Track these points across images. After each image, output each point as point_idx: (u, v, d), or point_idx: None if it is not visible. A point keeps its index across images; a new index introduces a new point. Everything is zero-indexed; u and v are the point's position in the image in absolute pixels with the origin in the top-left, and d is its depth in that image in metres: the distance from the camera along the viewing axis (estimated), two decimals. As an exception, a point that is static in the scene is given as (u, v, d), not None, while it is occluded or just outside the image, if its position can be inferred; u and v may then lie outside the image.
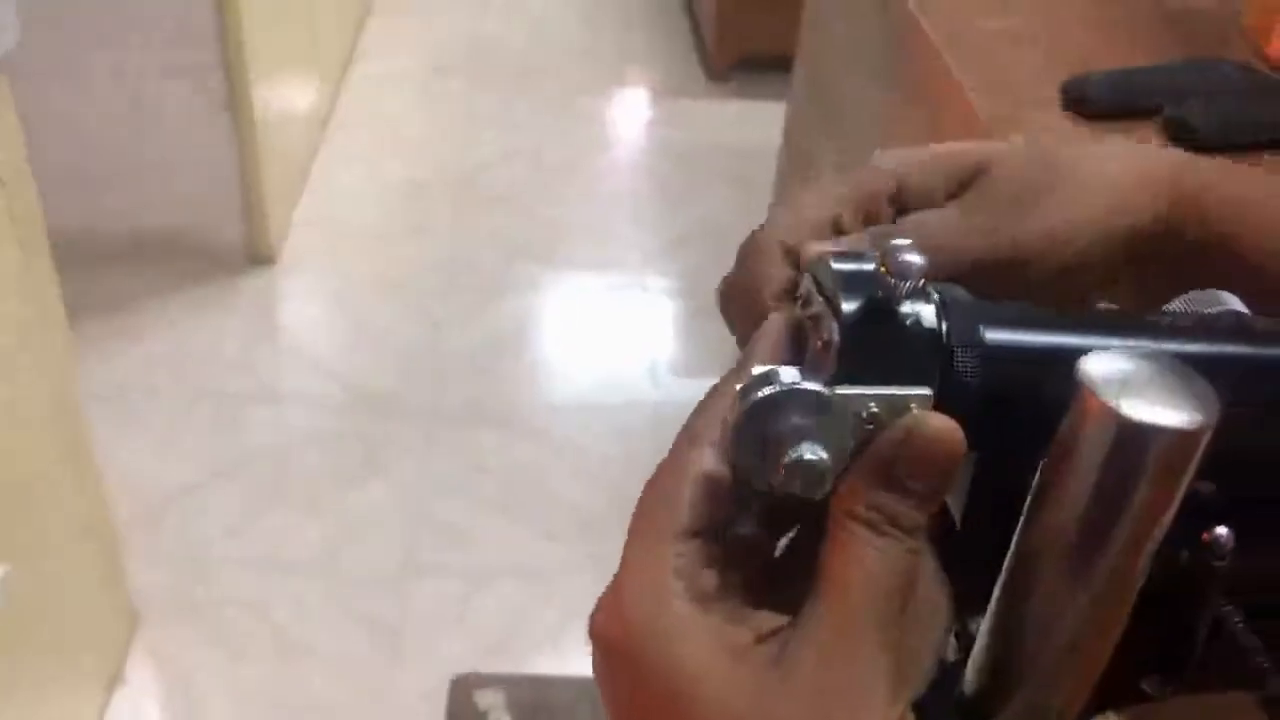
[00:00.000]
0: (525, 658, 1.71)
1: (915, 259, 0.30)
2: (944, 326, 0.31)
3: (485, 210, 2.68)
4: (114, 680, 1.65)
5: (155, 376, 2.15)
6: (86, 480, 1.53)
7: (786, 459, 0.29)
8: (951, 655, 0.34)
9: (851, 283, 0.31)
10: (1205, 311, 0.35)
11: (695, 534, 0.32)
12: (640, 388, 2.20)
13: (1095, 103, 1.13)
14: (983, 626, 0.33)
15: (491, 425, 2.10)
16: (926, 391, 0.31)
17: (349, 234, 2.58)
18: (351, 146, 2.85)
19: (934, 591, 0.32)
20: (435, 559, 1.86)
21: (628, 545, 0.33)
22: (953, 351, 0.31)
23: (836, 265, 0.32)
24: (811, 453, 0.29)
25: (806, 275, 0.34)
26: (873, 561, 0.30)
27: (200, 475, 1.96)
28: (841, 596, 0.30)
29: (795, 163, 2.07)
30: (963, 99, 1.19)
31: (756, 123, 2.78)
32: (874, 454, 0.31)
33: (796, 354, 0.34)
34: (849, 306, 0.31)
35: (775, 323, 0.35)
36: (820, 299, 0.32)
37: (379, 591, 1.80)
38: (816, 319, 0.32)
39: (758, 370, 0.30)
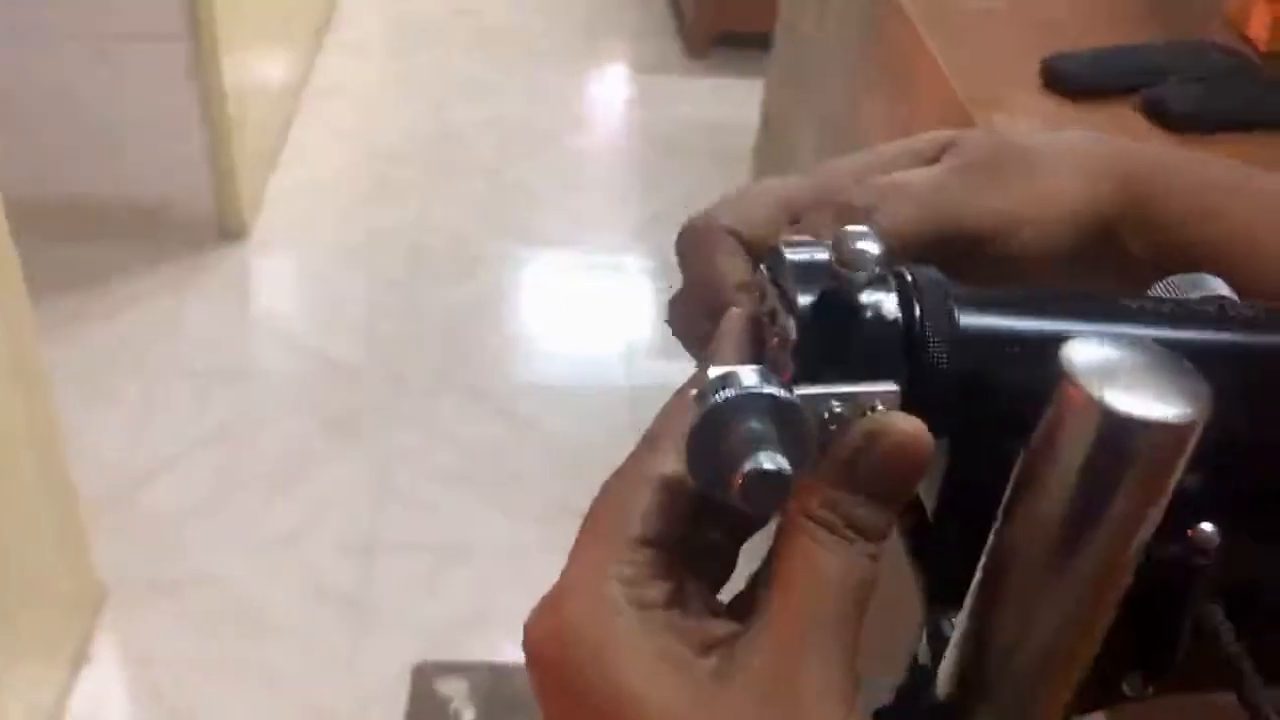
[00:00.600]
0: (492, 637, 1.70)
1: (871, 247, 0.28)
2: (916, 311, 0.30)
3: (461, 183, 2.65)
4: (79, 658, 1.62)
5: (125, 354, 2.12)
6: (50, 453, 1.50)
7: (745, 469, 0.27)
8: (923, 658, 0.33)
9: (806, 274, 0.30)
10: (1189, 296, 0.34)
11: (648, 542, 0.30)
12: (615, 371, 2.19)
13: (1075, 82, 1.12)
14: (957, 628, 0.31)
15: (463, 402, 2.08)
16: (893, 388, 0.29)
17: (323, 206, 2.55)
18: (326, 117, 2.82)
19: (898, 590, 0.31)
20: (403, 535, 1.84)
21: (573, 552, 0.31)
22: (925, 336, 0.30)
23: (790, 255, 0.30)
24: (771, 461, 0.27)
25: (762, 267, 0.32)
26: (826, 564, 0.29)
27: (171, 452, 1.94)
28: (791, 601, 0.29)
29: (773, 141, 2.06)
30: (941, 78, 1.17)
31: (735, 100, 2.76)
32: (834, 455, 0.29)
33: (758, 352, 0.32)
34: (804, 300, 0.29)
35: (735, 319, 0.33)
36: (775, 292, 0.31)
37: (347, 568, 1.78)
38: (773, 314, 0.31)
39: (715, 372, 0.28)
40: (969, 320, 0.30)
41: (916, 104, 1.28)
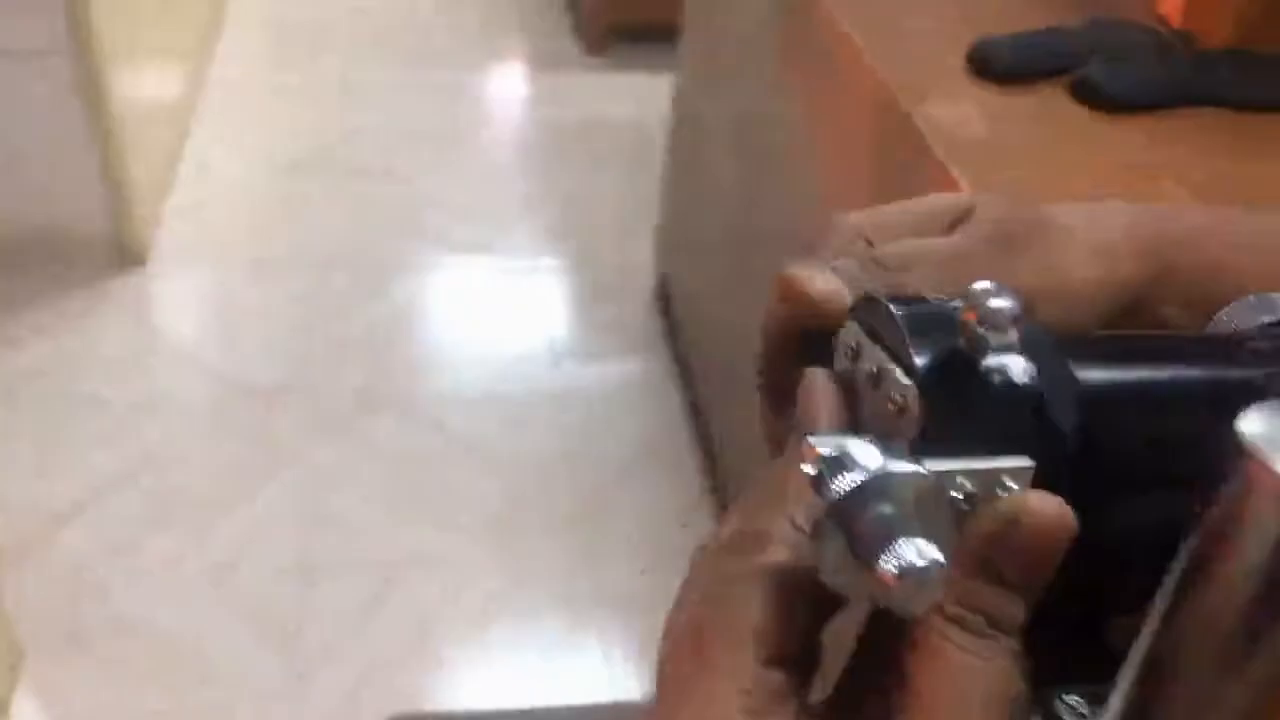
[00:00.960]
0: (439, 657, 1.66)
1: (1007, 305, 0.26)
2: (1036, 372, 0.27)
3: (366, 191, 2.58)
4: (-1, 717, 1.55)
5: (29, 389, 2.03)
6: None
7: (897, 565, 0.24)
8: None
9: (923, 332, 0.27)
10: (1260, 320, 0.32)
11: (772, 662, 0.27)
12: (539, 374, 2.15)
13: (1001, 67, 1.12)
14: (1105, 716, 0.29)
15: (387, 416, 2.03)
16: (1026, 463, 0.27)
17: (225, 223, 2.46)
18: (221, 130, 2.73)
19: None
20: (337, 559, 1.79)
21: (683, 682, 0.27)
22: (1042, 398, 0.27)
23: (898, 310, 0.28)
24: (926, 554, 0.24)
25: (850, 323, 0.30)
26: (972, 673, 0.26)
27: (84, 492, 1.85)
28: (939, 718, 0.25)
29: (686, 137, 2.04)
30: (866, 68, 1.16)
31: (639, 96, 2.74)
32: (971, 545, 0.26)
33: (847, 417, 0.29)
34: (923, 360, 0.27)
35: (820, 382, 0.30)
36: (877, 350, 0.28)
37: (283, 600, 1.72)
38: (878, 376, 0.28)
39: (823, 446, 0.25)
40: (1089, 375, 0.28)
41: (841, 95, 1.27)
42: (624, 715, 0.96)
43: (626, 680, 1.65)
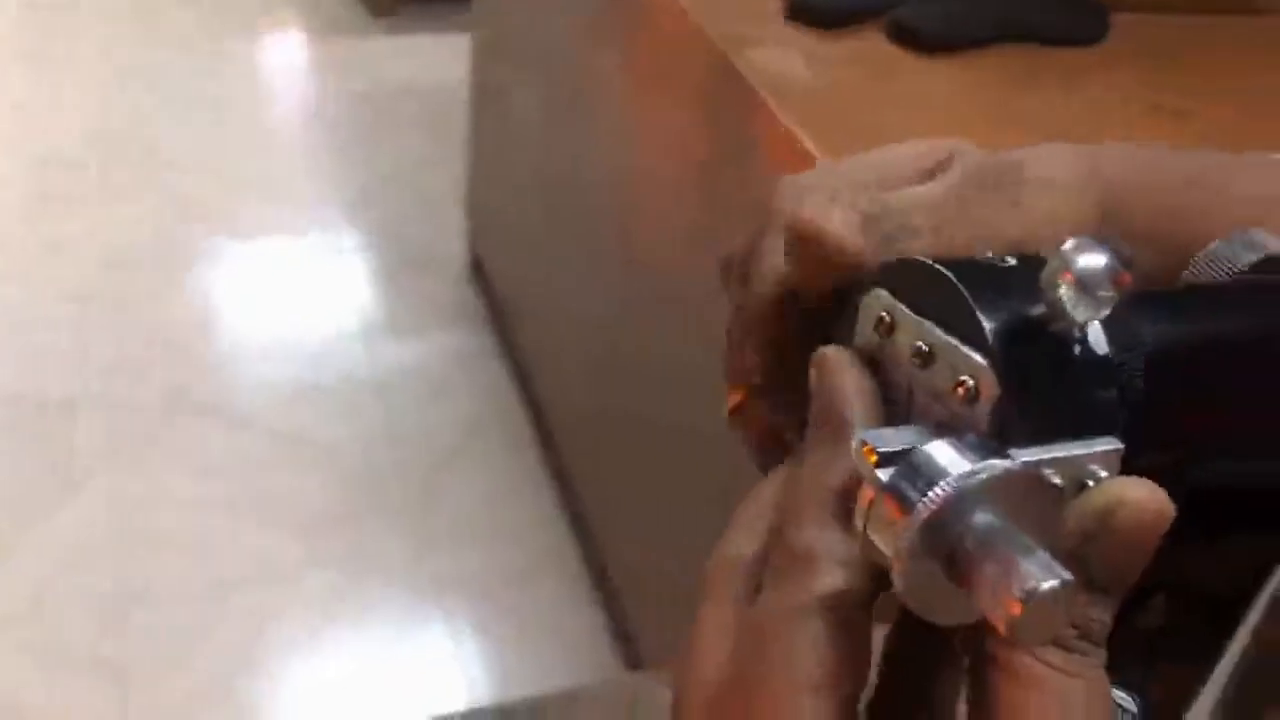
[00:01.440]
0: (279, 669, 1.57)
1: (1104, 260, 0.22)
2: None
3: (147, 178, 2.41)
4: None
5: None
6: None
7: (1017, 591, 0.20)
8: None
9: (989, 300, 0.23)
10: (1246, 260, 0.29)
11: (844, 713, 0.23)
12: (355, 359, 2.05)
13: (818, 11, 1.10)
14: None
15: (199, 420, 1.90)
16: (1115, 445, 0.23)
17: (-12, 226, 2.26)
18: (-27, 125, 2.50)
19: None
20: (159, 578, 1.66)
21: None
22: (1123, 367, 0.23)
23: (951, 272, 0.23)
24: (1049, 575, 0.20)
25: (877, 290, 0.25)
26: (1076, 695, 0.22)
27: None
28: None
29: (490, 100, 1.96)
30: (684, 18, 1.13)
31: (433, 60, 2.64)
32: (1062, 546, 0.23)
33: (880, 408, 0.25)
34: (997, 335, 0.22)
35: (848, 368, 0.26)
36: (925, 324, 0.24)
37: (101, 629, 1.60)
38: (930, 354, 0.24)
39: (881, 446, 0.22)
40: (1155, 335, 0.24)
41: (659, 48, 1.23)
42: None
43: (478, 663, 1.60)
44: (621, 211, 1.41)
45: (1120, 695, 0.27)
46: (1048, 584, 0.20)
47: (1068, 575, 0.20)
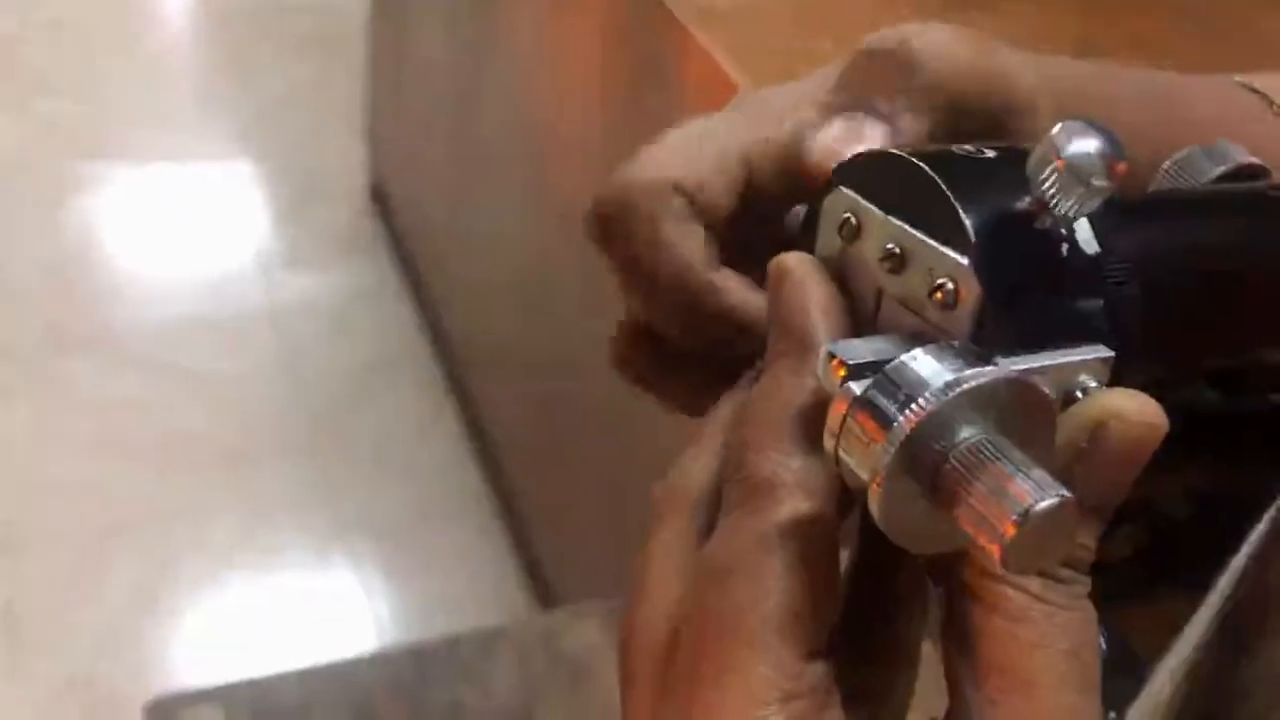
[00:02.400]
0: (174, 618, 1.52)
1: (1096, 143, 0.19)
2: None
3: (21, 103, 2.28)
4: None
5: None
6: None
7: (1012, 513, 0.17)
8: None
9: (968, 192, 0.20)
10: (1218, 169, 0.27)
11: (814, 654, 0.21)
12: (250, 292, 1.97)
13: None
14: (1164, 674, 0.24)
15: (83, 358, 1.81)
16: (1106, 353, 0.21)
17: None
18: None
19: None
20: (49, 524, 1.59)
21: (687, 696, 0.21)
22: (1113, 266, 0.21)
23: (924, 164, 0.21)
24: (1045, 492, 0.18)
25: (839, 189, 0.23)
26: (1060, 629, 0.20)
27: None
28: (1030, 696, 0.20)
29: (388, 17, 1.88)
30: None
31: (326, -24, 2.53)
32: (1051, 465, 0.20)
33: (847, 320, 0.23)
34: (978, 231, 0.20)
35: (812, 275, 0.23)
36: (894, 222, 0.21)
37: (-14, 577, 1.53)
38: (903, 257, 0.21)
39: (850, 358, 0.19)
40: (1143, 241, 0.22)
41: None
42: (387, 663, 0.90)
43: (386, 604, 1.57)
44: (531, 136, 1.36)
45: None
46: (1045, 502, 0.18)
47: (1067, 492, 0.18)
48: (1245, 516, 0.24)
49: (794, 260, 0.24)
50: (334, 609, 1.57)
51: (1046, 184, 0.20)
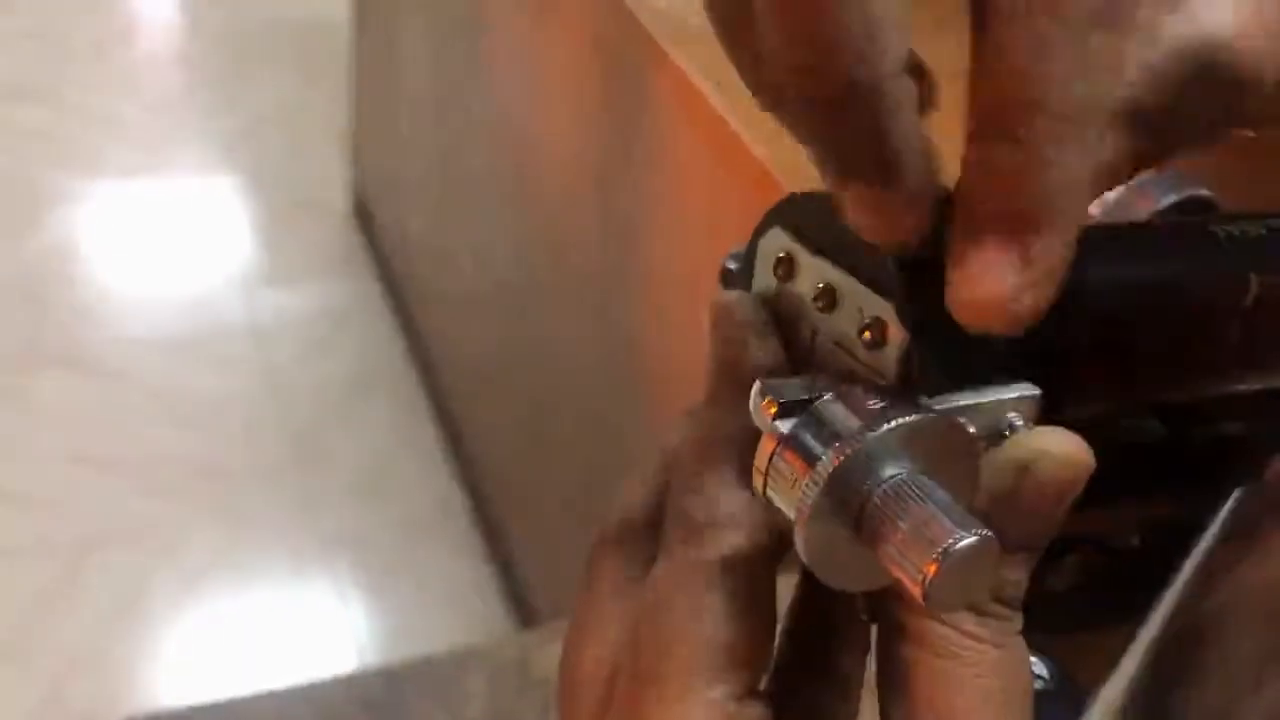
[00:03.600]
0: (149, 635, 1.51)
1: None
2: None
3: (1, 110, 2.27)
4: None
5: None
6: None
7: (932, 551, 0.18)
8: None
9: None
10: (1166, 199, 0.27)
11: (751, 691, 0.21)
12: (232, 308, 1.97)
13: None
14: (1101, 707, 0.24)
15: (58, 372, 1.80)
16: (1031, 391, 0.21)
17: None
18: None
19: None
20: (17, 540, 1.58)
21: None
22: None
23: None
24: (967, 531, 0.18)
25: (772, 231, 0.23)
26: (990, 666, 0.20)
27: None
28: None
29: (375, 35, 1.88)
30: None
31: (312, -7, 2.53)
32: (976, 504, 0.20)
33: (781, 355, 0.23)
34: (902, 266, 0.20)
35: (748, 314, 0.23)
36: (823, 263, 0.22)
37: (-44, 594, 1.51)
38: (833, 294, 0.22)
39: (778, 396, 0.19)
40: (1091, 274, 0.22)
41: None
42: (359, 684, 0.90)
43: (366, 623, 1.56)
44: (514, 155, 1.36)
45: (1032, 657, 0.25)
46: (966, 540, 0.18)
47: (987, 531, 0.18)
48: (1192, 547, 0.24)
49: (732, 299, 0.24)
50: (312, 626, 1.56)
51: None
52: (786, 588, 0.26)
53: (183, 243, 2.09)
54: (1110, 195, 0.29)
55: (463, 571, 1.61)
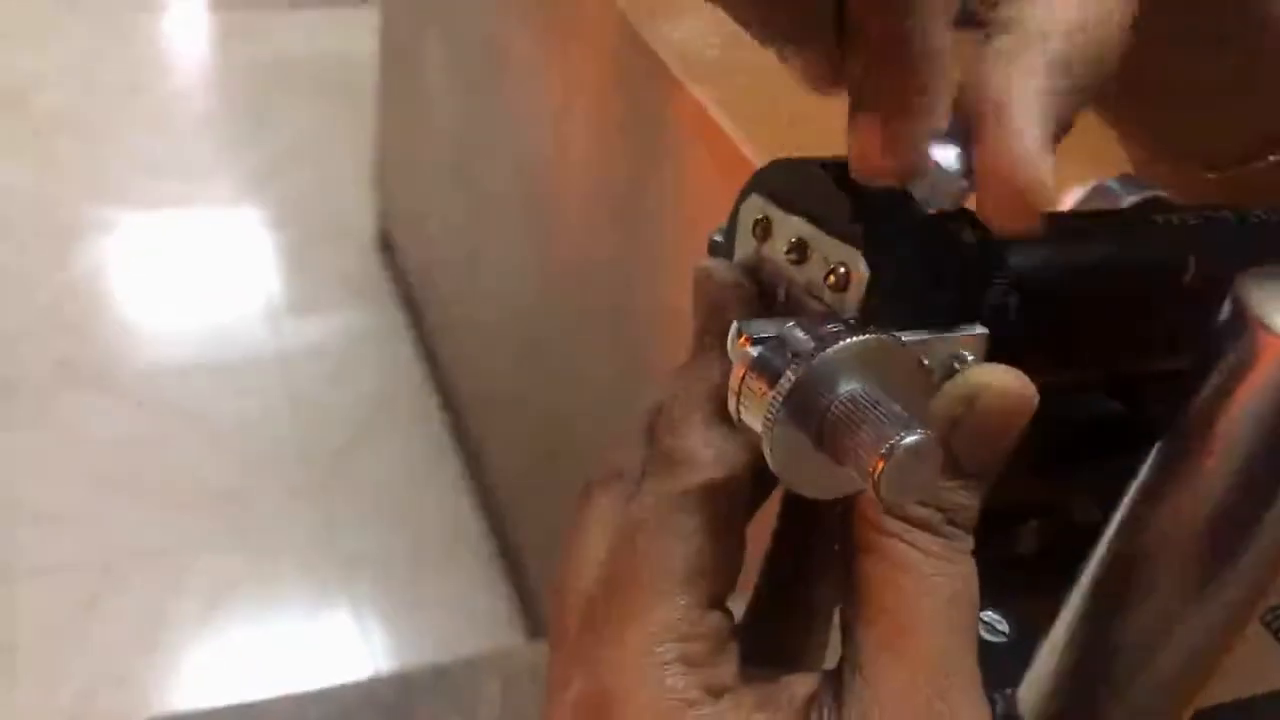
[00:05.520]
0: (172, 653, 1.53)
1: (954, 151, 0.23)
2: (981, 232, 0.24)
3: (35, 145, 2.32)
4: None
5: None
6: None
7: (888, 446, 0.20)
8: None
9: (858, 186, 0.23)
10: (1124, 200, 0.30)
11: (711, 602, 0.23)
12: (258, 335, 2.00)
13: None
14: (1048, 645, 0.26)
15: (88, 395, 1.84)
16: (979, 330, 0.24)
17: None
18: None
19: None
20: (45, 559, 1.61)
21: (591, 642, 0.24)
22: (992, 256, 0.24)
23: (821, 167, 0.24)
24: (910, 430, 0.20)
25: (750, 197, 0.26)
26: (942, 579, 0.23)
27: None
28: (911, 644, 0.22)
29: (399, 72, 1.92)
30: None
31: (342, 31, 2.58)
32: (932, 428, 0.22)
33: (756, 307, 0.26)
34: (863, 215, 0.23)
35: (727, 272, 0.26)
36: (794, 219, 0.24)
37: (-16, 610, 1.54)
38: (802, 246, 0.24)
39: (754, 333, 0.22)
40: (1023, 251, 0.25)
41: (571, 21, 1.21)
42: (374, 689, 0.91)
43: (385, 642, 1.58)
44: (532, 187, 1.39)
45: (993, 615, 0.28)
46: (909, 438, 0.20)
47: (930, 432, 0.20)
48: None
49: (714, 263, 0.26)
50: (331, 648, 1.57)
51: (921, 186, 0.23)
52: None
53: (211, 271, 2.13)
54: (1073, 197, 0.31)
55: (480, 596, 1.62)
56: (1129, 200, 0.30)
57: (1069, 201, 0.33)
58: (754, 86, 0.98)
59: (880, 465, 0.20)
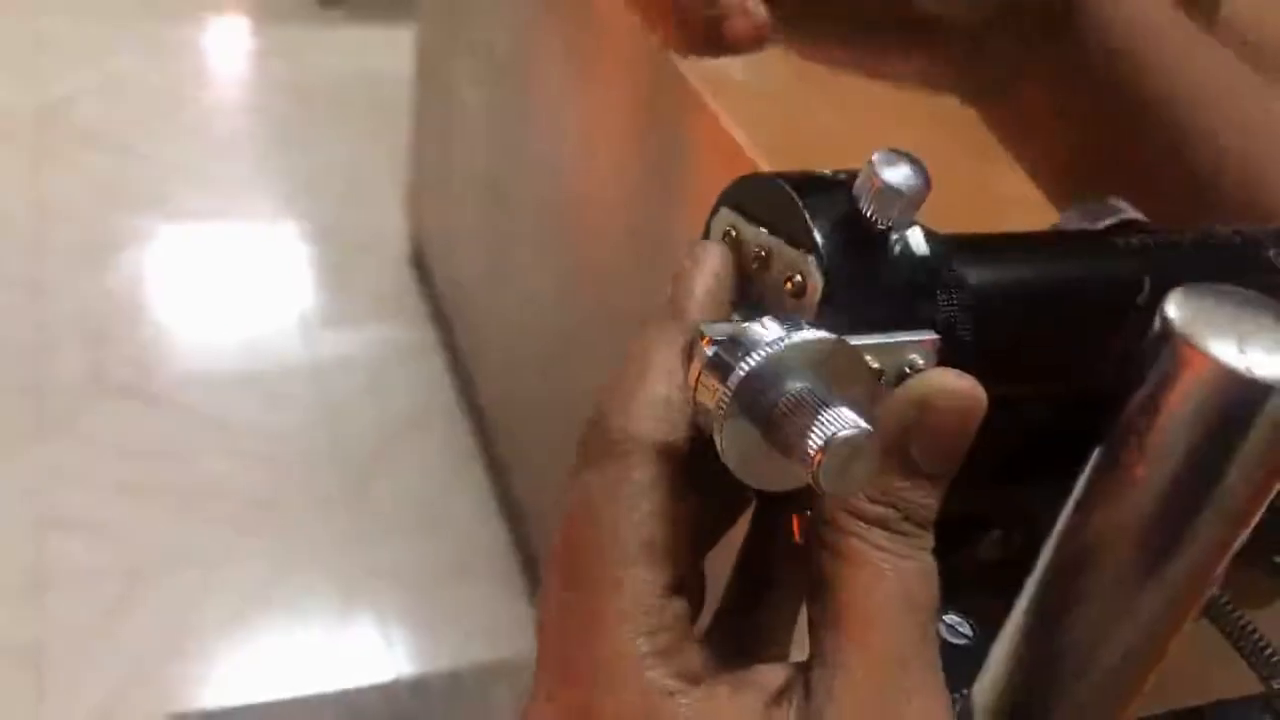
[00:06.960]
0: (199, 659, 1.55)
1: (912, 177, 0.24)
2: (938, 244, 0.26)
3: (78, 158, 2.36)
4: None
5: None
6: None
7: (818, 439, 0.21)
8: None
9: (816, 203, 0.25)
10: (1099, 222, 0.31)
11: (675, 588, 0.24)
12: (292, 347, 2.03)
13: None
14: (998, 648, 0.27)
15: (123, 404, 1.87)
16: (930, 335, 0.25)
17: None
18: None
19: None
20: (78, 565, 1.64)
21: (561, 618, 0.25)
22: (943, 268, 0.26)
23: (782, 182, 0.26)
24: (848, 425, 0.21)
25: (721, 211, 0.27)
26: (898, 575, 0.24)
27: None
28: (870, 638, 0.23)
29: (433, 91, 1.95)
30: (626, 12, 1.13)
31: (380, 50, 2.62)
32: (883, 431, 0.24)
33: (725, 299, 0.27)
34: (822, 231, 0.25)
35: (715, 255, 0.27)
36: (760, 231, 0.26)
37: (16, 614, 1.57)
38: (767, 258, 0.26)
39: (718, 329, 0.23)
40: (978, 276, 0.26)
41: (602, 44, 1.23)
42: (390, 693, 0.92)
43: (408, 653, 1.59)
44: (563, 206, 1.41)
45: (956, 618, 0.29)
46: (845, 432, 0.21)
47: (869, 426, 0.21)
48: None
49: (715, 247, 0.28)
50: (355, 656, 1.59)
51: (870, 201, 0.25)
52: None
53: (246, 284, 2.17)
54: (1059, 219, 0.32)
55: (506, 609, 1.63)
56: (1103, 224, 0.31)
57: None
58: (783, 114, 0.99)
59: (819, 458, 0.21)
